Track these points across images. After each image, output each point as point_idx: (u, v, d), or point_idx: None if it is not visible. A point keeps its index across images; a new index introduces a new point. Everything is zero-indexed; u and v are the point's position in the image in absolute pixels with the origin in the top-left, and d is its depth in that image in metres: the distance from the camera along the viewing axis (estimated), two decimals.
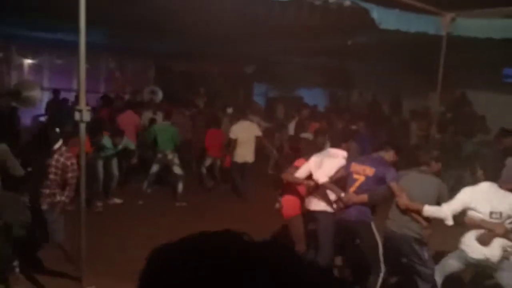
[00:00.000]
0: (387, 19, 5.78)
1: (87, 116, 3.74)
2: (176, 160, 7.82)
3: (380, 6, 5.65)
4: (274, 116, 12.35)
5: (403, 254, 4.16)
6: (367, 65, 12.92)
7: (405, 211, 4.10)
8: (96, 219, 6.23)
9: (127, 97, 11.76)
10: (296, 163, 4.90)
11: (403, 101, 12.43)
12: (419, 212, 4.00)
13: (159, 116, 9.01)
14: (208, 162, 8.68)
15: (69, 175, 4.31)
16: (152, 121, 8.88)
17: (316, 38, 8.94)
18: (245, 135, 7.93)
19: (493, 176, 3.98)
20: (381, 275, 4.14)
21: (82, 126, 3.79)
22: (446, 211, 3.89)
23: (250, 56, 12.91)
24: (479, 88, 10.64)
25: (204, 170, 8.68)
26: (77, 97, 6.98)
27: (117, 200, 7.55)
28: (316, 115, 10.11)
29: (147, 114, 9.31)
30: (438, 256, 4.35)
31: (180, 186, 7.78)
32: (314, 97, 14.01)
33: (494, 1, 6.00)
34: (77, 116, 3.76)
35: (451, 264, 4.05)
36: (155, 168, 7.84)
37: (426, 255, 4.09)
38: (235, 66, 14.57)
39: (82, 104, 3.76)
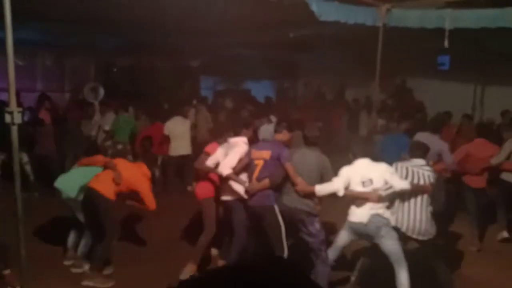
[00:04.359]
0: (326, 11, 5.87)
1: (18, 118, 3.53)
2: (129, 150, 8.22)
3: None
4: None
5: (293, 225, 4.39)
6: (311, 56, 13.13)
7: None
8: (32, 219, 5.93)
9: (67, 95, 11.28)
10: (207, 148, 4.91)
11: (346, 90, 12.75)
12: (313, 194, 4.31)
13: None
14: (159, 160, 8.61)
15: None
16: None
17: (259, 31, 8.97)
18: (178, 130, 8.08)
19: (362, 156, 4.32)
20: (284, 256, 4.28)
21: (14, 129, 3.58)
22: (336, 183, 4.23)
23: (196, 49, 12.75)
24: (417, 76, 11.14)
25: (156, 172, 8.50)
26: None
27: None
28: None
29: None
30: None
31: None
32: (261, 90, 14.08)
33: None
34: (7, 118, 3.55)
35: (342, 235, 4.36)
36: None
37: (317, 225, 4.37)
38: (180, 59, 14.34)
39: (13, 105, 3.55)
